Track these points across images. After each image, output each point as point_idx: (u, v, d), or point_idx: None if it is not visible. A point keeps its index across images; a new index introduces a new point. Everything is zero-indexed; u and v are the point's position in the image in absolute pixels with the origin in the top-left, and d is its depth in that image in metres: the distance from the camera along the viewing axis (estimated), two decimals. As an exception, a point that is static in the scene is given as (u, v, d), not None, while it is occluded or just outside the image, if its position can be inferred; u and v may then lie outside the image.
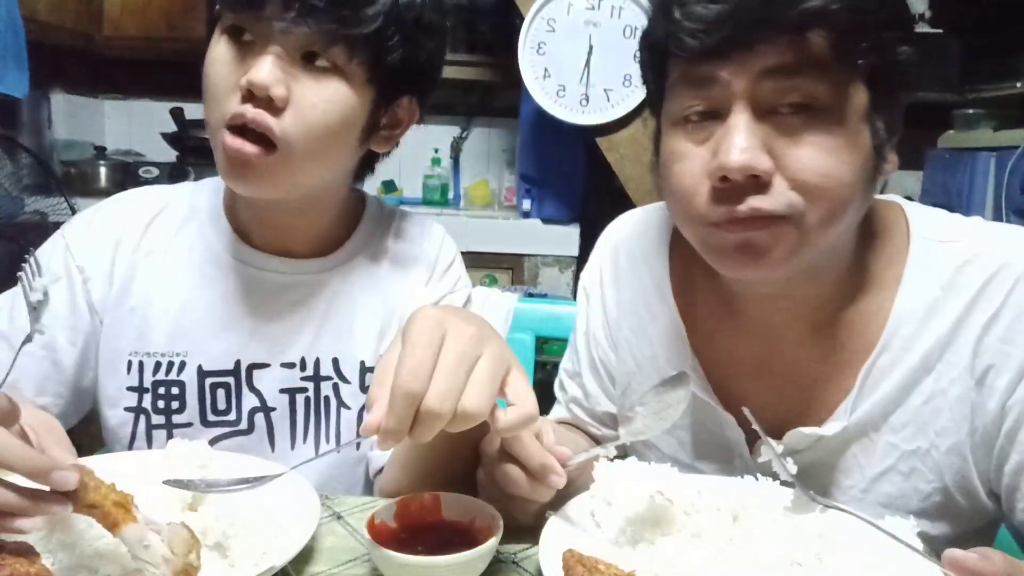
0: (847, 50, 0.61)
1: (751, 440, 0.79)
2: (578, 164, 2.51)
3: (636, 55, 0.77)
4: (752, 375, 0.80)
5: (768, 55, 0.61)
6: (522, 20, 2.20)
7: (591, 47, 2.17)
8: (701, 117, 0.67)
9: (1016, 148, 2.09)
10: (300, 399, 0.91)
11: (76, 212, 0.96)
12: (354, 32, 0.75)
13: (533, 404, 0.60)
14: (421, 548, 0.61)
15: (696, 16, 0.62)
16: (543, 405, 0.64)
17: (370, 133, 0.85)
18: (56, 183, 2.25)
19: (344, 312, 0.92)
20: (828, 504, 0.61)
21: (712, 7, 0.62)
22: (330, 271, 0.92)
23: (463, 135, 3.14)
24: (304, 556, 0.64)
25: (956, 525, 0.75)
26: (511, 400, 0.60)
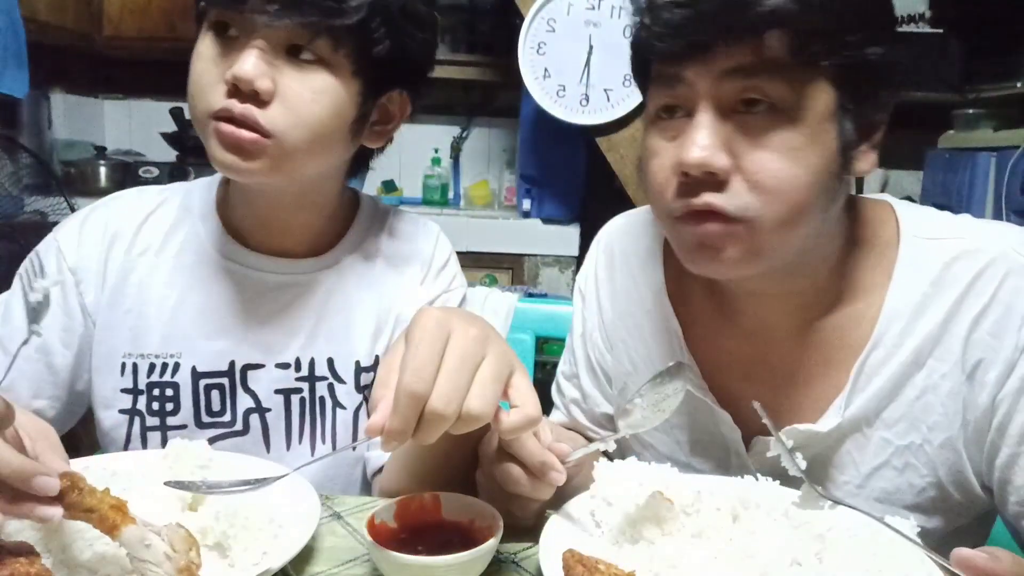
0: (806, 51, 0.62)
1: (747, 438, 0.80)
2: (578, 164, 2.51)
3: (631, 56, 0.79)
4: (747, 373, 0.80)
5: (728, 57, 0.63)
6: (522, 20, 2.20)
7: (591, 47, 2.17)
8: (672, 115, 0.69)
9: (1016, 148, 2.09)
10: (295, 400, 0.90)
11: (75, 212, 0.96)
12: (338, 23, 0.74)
13: (536, 406, 0.60)
14: (421, 548, 0.61)
15: (663, 21, 0.65)
16: (544, 406, 0.64)
17: (360, 127, 0.84)
18: (56, 183, 2.25)
19: (339, 312, 0.92)
20: (837, 501, 0.61)
21: (677, 11, 0.64)
22: (324, 270, 0.92)
23: (463, 135, 3.14)
24: (304, 556, 0.64)
25: (951, 519, 0.76)
26: (514, 402, 0.60)
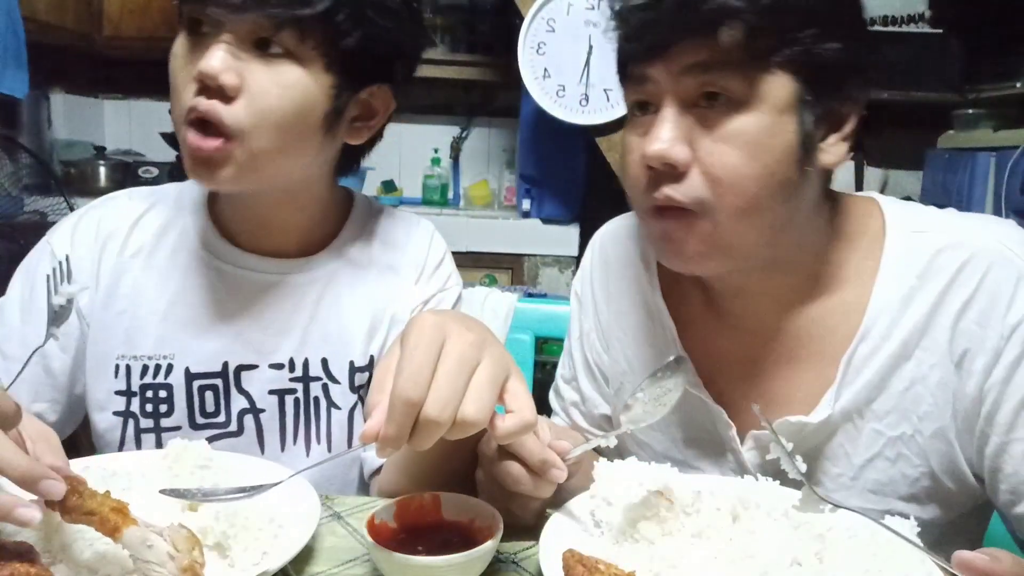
0: (757, 46, 0.65)
1: (742, 433, 0.80)
2: (578, 164, 2.51)
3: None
4: (739, 368, 0.81)
5: (687, 54, 0.67)
6: (522, 20, 2.20)
7: (591, 47, 2.17)
8: (644, 112, 0.72)
9: (1016, 148, 2.09)
10: (289, 400, 0.90)
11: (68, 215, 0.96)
12: (301, 14, 0.73)
13: (532, 411, 0.60)
14: (421, 548, 0.61)
15: (629, 25, 0.71)
16: (541, 411, 0.64)
17: (335, 122, 0.82)
18: (56, 183, 2.25)
19: (332, 312, 0.91)
20: (837, 504, 0.61)
21: (639, 15, 0.69)
22: (317, 270, 0.91)
23: (463, 135, 3.13)
24: (304, 556, 0.64)
25: (946, 509, 0.77)
26: (510, 407, 0.60)
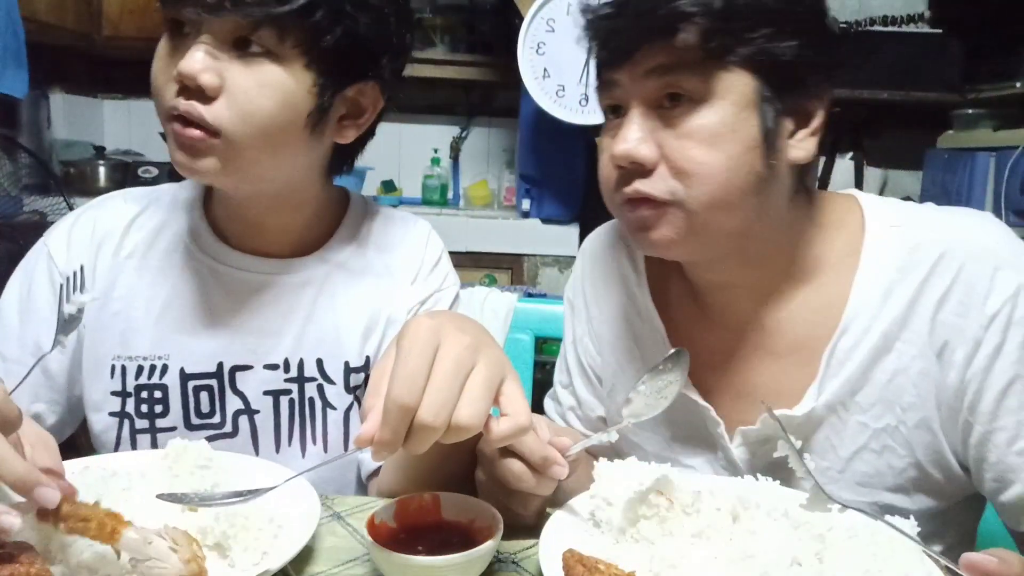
0: (712, 47, 0.68)
1: (730, 429, 0.81)
2: (578, 164, 2.51)
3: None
4: (724, 364, 0.82)
5: (648, 58, 0.70)
6: (521, 20, 2.20)
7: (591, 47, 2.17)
8: (615, 115, 0.76)
9: (1016, 148, 2.10)
10: (284, 401, 0.90)
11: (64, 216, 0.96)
12: (278, 12, 0.73)
13: (527, 415, 0.60)
14: (421, 548, 0.61)
15: (595, 33, 0.75)
16: (537, 412, 0.64)
17: (320, 121, 0.81)
18: (55, 183, 2.25)
19: (328, 312, 0.91)
20: (845, 505, 0.61)
21: (603, 24, 0.74)
22: (312, 270, 0.91)
23: (463, 135, 3.13)
24: (304, 556, 0.64)
25: (936, 499, 0.77)
26: (504, 410, 0.60)
